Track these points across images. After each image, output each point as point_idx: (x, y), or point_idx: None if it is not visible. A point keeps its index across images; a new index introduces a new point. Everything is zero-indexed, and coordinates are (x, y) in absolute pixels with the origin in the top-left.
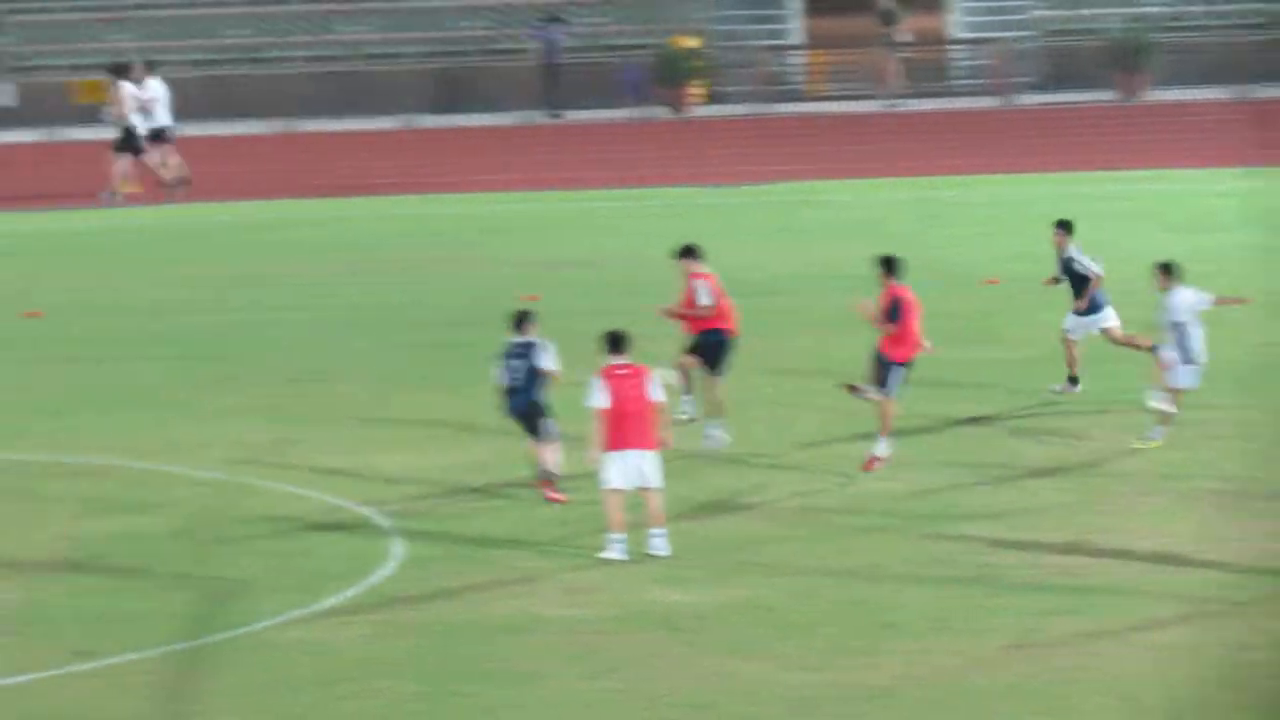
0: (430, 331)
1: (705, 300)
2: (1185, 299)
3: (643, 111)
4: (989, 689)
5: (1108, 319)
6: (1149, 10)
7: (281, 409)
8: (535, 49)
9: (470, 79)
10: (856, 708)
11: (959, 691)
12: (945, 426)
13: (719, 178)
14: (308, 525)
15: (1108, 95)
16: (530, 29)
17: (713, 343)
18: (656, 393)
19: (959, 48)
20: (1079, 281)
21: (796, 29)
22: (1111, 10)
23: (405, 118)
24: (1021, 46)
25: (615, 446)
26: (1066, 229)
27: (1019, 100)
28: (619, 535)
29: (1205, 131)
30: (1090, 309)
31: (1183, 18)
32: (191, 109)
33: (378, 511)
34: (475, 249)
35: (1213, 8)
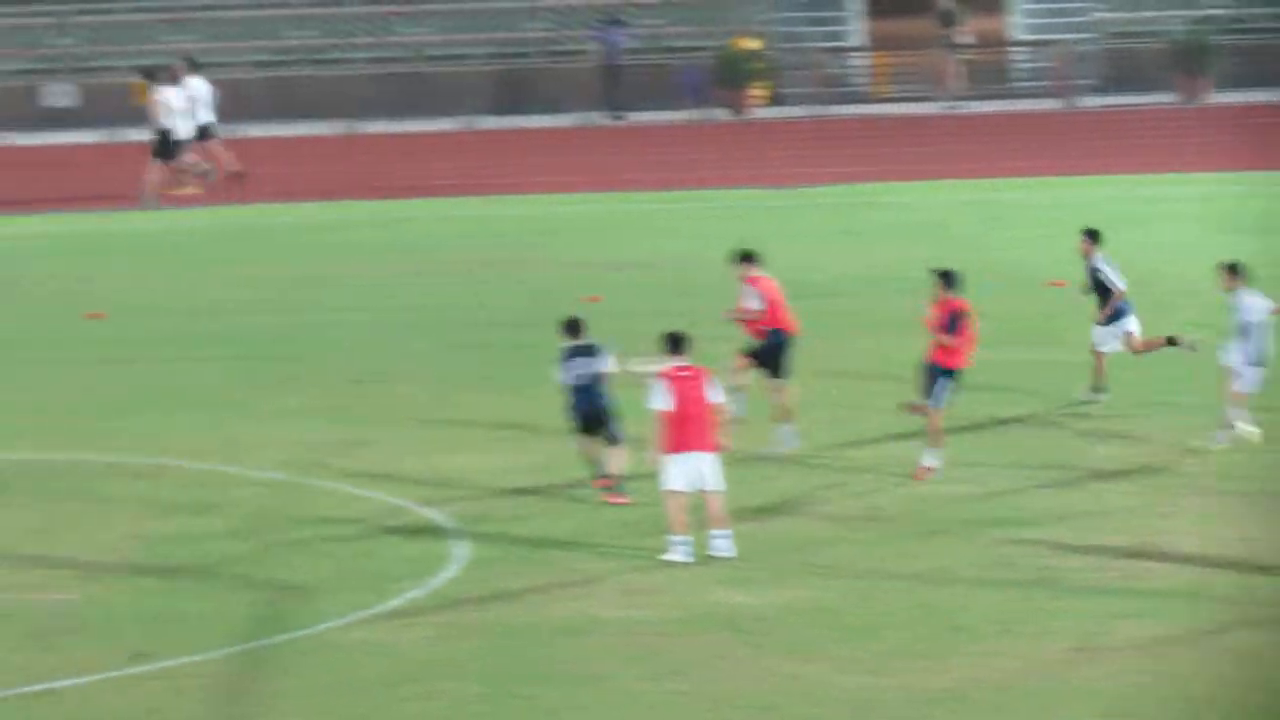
0: (491, 333)
1: (754, 304)
2: (1256, 300)
3: (703, 113)
4: (1053, 692)
5: (1129, 325)
6: (1211, 12)
7: (342, 410)
8: (596, 51)
9: (531, 81)
10: (919, 711)
11: (1023, 694)
12: (1007, 428)
13: (779, 179)
14: (370, 526)
15: (1169, 98)
16: (591, 30)
17: (771, 345)
18: (716, 395)
19: (1020, 49)
20: (1103, 291)
21: (857, 30)
22: (1173, 12)
23: (466, 119)
24: (1082, 49)
25: (676, 449)
26: (1094, 238)
27: (1080, 102)
28: (681, 537)
29: (1267, 134)
30: (1113, 317)
31: (1245, 20)
32: (254, 110)
33: (439, 513)
34: (535, 250)
35: (1275, 10)
